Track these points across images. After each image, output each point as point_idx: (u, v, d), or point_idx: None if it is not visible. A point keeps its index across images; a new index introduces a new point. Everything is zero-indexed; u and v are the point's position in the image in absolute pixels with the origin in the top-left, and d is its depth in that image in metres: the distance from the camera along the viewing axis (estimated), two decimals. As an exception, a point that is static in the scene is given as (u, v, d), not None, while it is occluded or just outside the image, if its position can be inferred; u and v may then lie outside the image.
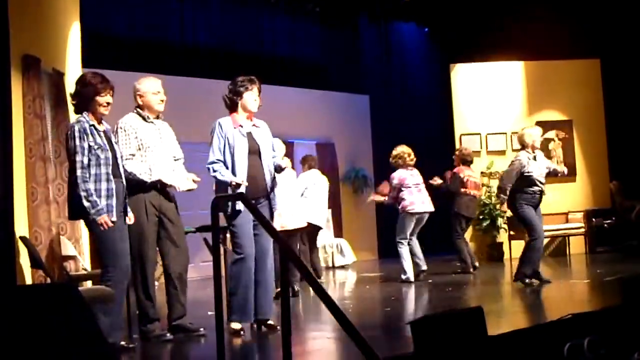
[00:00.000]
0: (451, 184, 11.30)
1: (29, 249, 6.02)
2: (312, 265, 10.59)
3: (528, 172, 8.93)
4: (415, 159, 10.39)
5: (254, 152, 6.42)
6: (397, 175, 10.21)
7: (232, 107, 6.54)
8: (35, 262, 6.00)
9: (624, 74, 14.22)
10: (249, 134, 6.46)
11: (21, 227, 6.22)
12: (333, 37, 15.98)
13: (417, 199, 10.11)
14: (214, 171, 6.35)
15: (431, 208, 10.24)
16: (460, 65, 14.17)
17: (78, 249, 7.15)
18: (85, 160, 5.35)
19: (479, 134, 13.87)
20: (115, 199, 5.43)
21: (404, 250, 10.03)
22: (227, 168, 6.33)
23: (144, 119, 6.10)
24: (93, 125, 5.46)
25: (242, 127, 6.45)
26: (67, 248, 6.93)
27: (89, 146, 5.38)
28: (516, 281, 8.96)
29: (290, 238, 8.92)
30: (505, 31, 14.15)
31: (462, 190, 11.19)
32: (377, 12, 16.32)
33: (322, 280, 10.79)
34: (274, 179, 6.53)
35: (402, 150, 10.39)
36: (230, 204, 6.23)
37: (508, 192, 8.96)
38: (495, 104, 13.92)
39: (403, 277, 9.98)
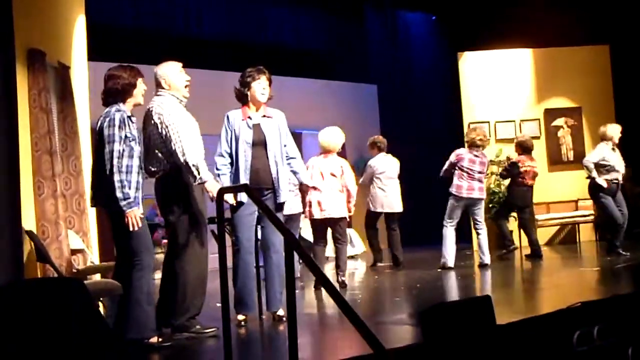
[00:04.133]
0: (508, 170, 11.40)
1: (35, 243, 6.02)
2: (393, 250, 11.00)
3: (605, 161, 10.16)
4: (486, 144, 10.56)
5: (259, 143, 6.42)
6: (457, 152, 10.30)
7: (242, 98, 6.58)
8: (41, 256, 5.99)
9: (634, 60, 14.10)
10: (257, 126, 6.47)
11: (28, 221, 6.21)
12: (340, 27, 15.95)
13: (465, 184, 10.11)
14: (217, 169, 6.45)
15: (480, 195, 10.25)
16: (468, 53, 14.11)
17: (86, 242, 7.15)
18: (121, 150, 5.35)
19: (488, 122, 13.80)
20: (140, 192, 5.45)
21: (447, 232, 10.08)
22: (231, 159, 6.38)
23: (177, 100, 6.01)
24: (129, 117, 5.49)
25: (250, 118, 6.48)
26: (75, 241, 6.92)
27: (125, 136, 5.39)
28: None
29: (318, 227, 8.98)
30: (513, 18, 14.04)
31: (520, 180, 11.17)
32: (383, 1, 16.27)
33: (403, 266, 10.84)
34: (283, 170, 6.52)
35: (476, 131, 10.55)
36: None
37: (592, 169, 10.16)
38: (503, 91, 13.85)
39: (442, 260, 10.05)
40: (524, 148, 11.36)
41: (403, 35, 17.11)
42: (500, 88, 13.86)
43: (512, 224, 13.17)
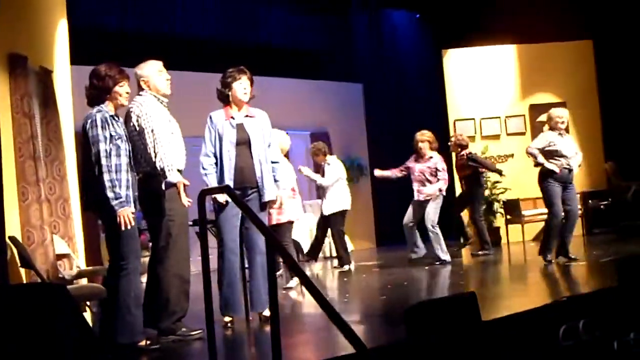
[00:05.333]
0: (483, 164, 11.69)
1: (18, 249, 6.00)
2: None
3: (553, 147, 9.14)
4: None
5: (243, 143, 6.43)
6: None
7: (224, 99, 6.59)
8: (24, 262, 5.97)
9: (617, 54, 14.19)
10: (240, 125, 6.48)
11: (13, 227, 6.20)
12: (325, 26, 15.96)
13: None
14: (204, 169, 6.46)
15: None
16: (452, 50, 14.15)
17: (72, 247, 7.13)
18: (108, 150, 5.34)
19: (473, 119, 13.85)
20: (131, 190, 5.44)
21: (439, 231, 10.39)
22: (216, 159, 6.37)
23: (158, 100, 5.98)
24: (112, 116, 5.47)
25: (233, 118, 6.49)
26: (61, 246, 6.90)
27: (110, 136, 5.37)
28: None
29: (281, 231, 8.93)
30: (497, 15, 14.09)
31: (480, 170, 11.61)
32: (367, 0, 16.30)
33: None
34: (268, 169, 6.51)
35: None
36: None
37: (536, 154, 9.15)
38: (488, 88, 13.90)
39: (444, 258, 10.34)
40: (463, 146, 11.77)
41: (388, 34, 17.14)
42: (485, 85, 13.91)
43: (499, 219, 13.28)
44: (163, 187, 5.75)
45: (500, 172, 11.61)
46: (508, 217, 12.93)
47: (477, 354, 4.43)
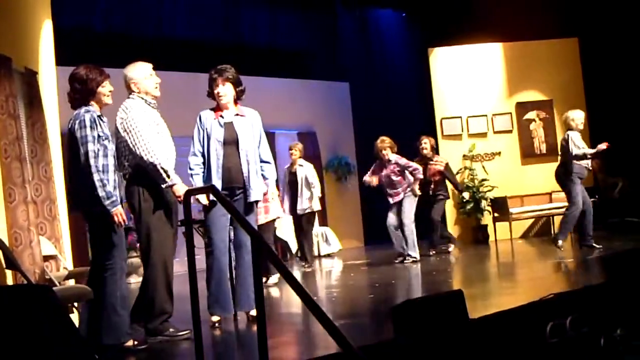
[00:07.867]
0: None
1: (3, 251, 5.97)
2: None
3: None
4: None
5: (231, 142, 6.41)
6: None
7: (212, 98, 6.57)
8: (9, 263, 5.94)
9: (602, 52, 14.25)
10: (229, 124, 6.45)
11: (-1, 228, 6.18)
12: (311, 26, 15.96)
13: None
14: (190, 169, 6.46)
15: None
16: (438, 48, 14.18)
17: (58, 248, 7.10)
18: (96, 150, 5.33)
19: (460, 117, 13.89)
20: (117, 191, 5.44)
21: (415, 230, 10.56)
22: (204, 159, 6.38)
23: (147, 103, 5.94)
24: (99, 116, 5.47)
25: (222, 117, 6.46)
26: (47, 248, 6.88)
27: (98, 136, 5.37)
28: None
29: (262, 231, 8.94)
30: (483, 13, 14.12)
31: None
32: (353, -1, 16.34)
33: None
34: (255, 169, 6.49)
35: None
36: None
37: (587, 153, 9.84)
38: (475, 86, 13.94)
39: (417, 256, 10.45)
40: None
41: (374, 33, 17.17)
42: (472, 83, 13.95)
43: (487, 217, 13.33)
44: (163, 185, 5.71)
45: None
46: (495, 214, 13.02)
47: (465, 352, 4.44)
